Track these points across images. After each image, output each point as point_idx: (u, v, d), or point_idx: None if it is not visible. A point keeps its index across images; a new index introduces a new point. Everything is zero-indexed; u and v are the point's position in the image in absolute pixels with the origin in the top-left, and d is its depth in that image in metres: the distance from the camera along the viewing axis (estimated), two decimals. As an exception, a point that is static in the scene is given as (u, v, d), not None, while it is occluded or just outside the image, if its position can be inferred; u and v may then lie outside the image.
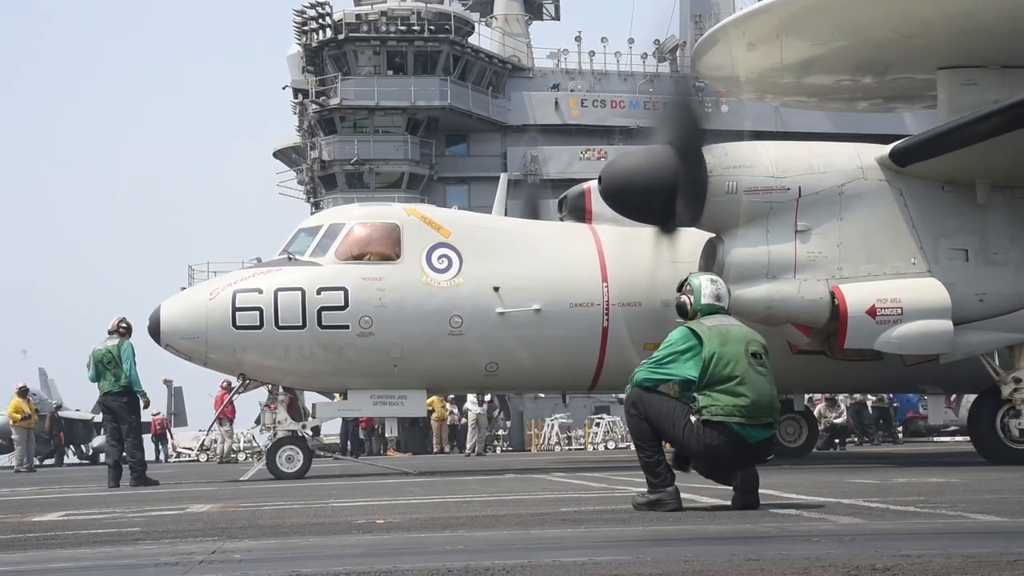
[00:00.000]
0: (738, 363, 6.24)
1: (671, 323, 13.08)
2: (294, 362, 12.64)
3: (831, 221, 11.74)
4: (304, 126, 42.46)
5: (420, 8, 39.51)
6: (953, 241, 12.01)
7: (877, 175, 11.94)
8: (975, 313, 11.92)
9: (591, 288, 13.18)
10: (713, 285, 6.67)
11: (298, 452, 12.96)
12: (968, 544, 4.42)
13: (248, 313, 12.44)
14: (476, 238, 13.28)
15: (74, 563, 4.72)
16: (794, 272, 11.64)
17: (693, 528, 5.41)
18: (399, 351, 12.72)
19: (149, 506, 8.39)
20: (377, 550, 4.80)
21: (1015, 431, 12.18)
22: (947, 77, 13.13)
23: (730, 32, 13.87)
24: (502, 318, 12.87)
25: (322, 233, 13.02)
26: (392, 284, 12.70)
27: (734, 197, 11.53)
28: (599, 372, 13.43)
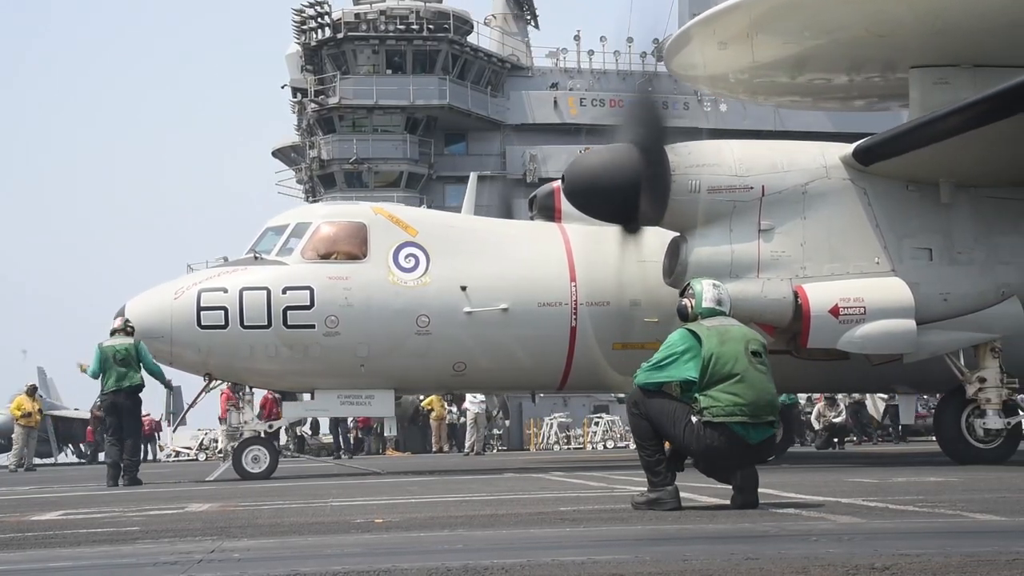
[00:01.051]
0: (738, 361, 6.26)
1: (640, 323, 13.21)
2: (260, 362, 12.59)
3: (795, 220, 11.72)
4: (303, 125, 42.46)
5: (419, 7, 39.50)
6: (917, 240, 11.99)
7: (841, 174, 11.92)
8: (939, 313, 11.90)
9: (559, 287, 13.14)
10: (715, 290, 6.70)
11: (264, 452, 12.93)
12: (967, 543, 4.43)
13: (213, 312, 12.42)
14: (443, 237, 13.23)
15: (73, 562, 4.72)
16: (757, 271, 11.62)
17: (692, 527, 5.42)
18: (366, 351, 12.68)
19: (148, 505, 8.39)
20: (376, 549, 4.81)
21: (980, 431, 12.18)
22: (919, 76, 13.12)
23: (701, 31, 13.85)
24: (469, 318, 12.83)
25: (288, 232, 12.98)
26: (358, 283, 12.67)
27: (697, 196, 11.50)
28: (567, 372, 13.39)
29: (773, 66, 14.12)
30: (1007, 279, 12.04)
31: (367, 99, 39.42)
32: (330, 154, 39.78)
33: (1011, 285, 12.05)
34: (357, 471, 14.72)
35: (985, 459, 11.98)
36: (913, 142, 11.51)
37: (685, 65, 15.04)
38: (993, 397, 12.09)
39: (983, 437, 12.19)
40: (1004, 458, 12.10)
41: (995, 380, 12.11)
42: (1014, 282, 12.05)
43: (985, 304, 12.01)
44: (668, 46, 14.98)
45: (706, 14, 13.75)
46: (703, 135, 12.97)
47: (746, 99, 17.46)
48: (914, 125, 11.65)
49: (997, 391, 12.11)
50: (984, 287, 12.00)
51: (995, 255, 12.06)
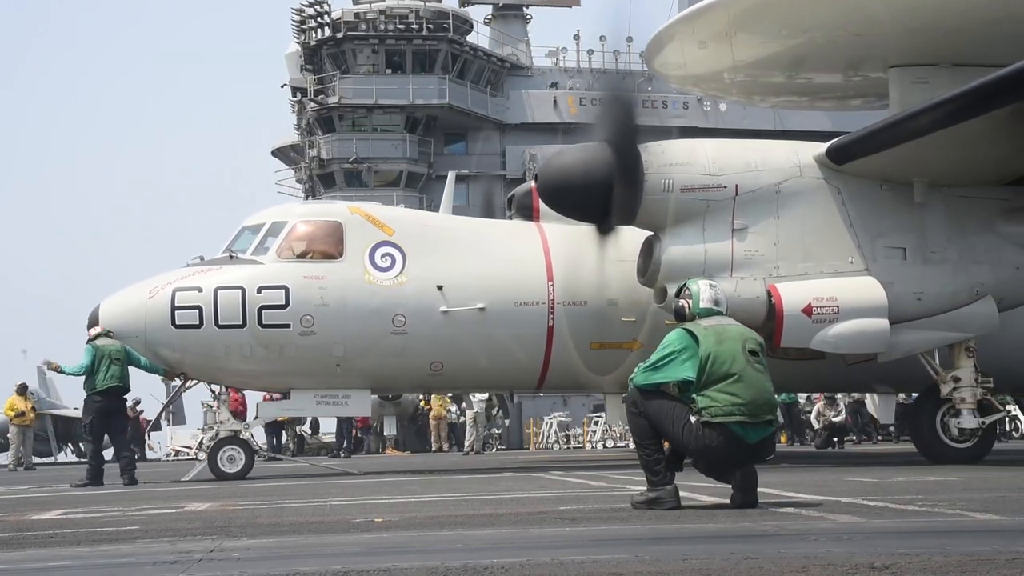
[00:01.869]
0: (735, 361, 6.26)
1: (618, 322, 13.01)
2: (235, 361, 12.55)
3: (768, 219, 11.68)
4: (303, 124, 42.48)
5: (419, 7, 39.52)
6: (891, 240, 11.96)
7: (815, 173, 11.88)
8: (913, 312, 11.88)
9: (536, 287, 13.07)
10: (712, 290, 6.71)
11: (240, 452, 12.88)
12: (966, 542, 4.42)
13: (187, 312, 12.38)
14: (420, 236, 13.17)
15: (73, 561, 4.72)
16: (731, 271, 11.57)
17: (692, 526, 5.42)
18: (341, 350, 12.63)
19: (148, 505, 8.39)
20: (376, 549, 4.81)
21: (955, 430, 12.18)
22: (898, 75, 13.09)
23: (680, 30, 13.80)
24: (446, 317, 12.77)
25: (264, 231, 12.92)
26: (334, 283, 12.61)
27: (670, 195, 11.45)
28: (545, 371, 13.34)
29: (753, 65, 14.06)
30: (981, 279, 12.02)
31: (367, 98, 39.46)
32: (330, 153, 39.81)
33: (985, 285, 12.02)
34: (330, 471, 14.67)
35: (960, 459, 11.96)
36: (885, 141, 11.46)
37: (666, 64, 14.96)
38: (968, 397, 12.09)
39: (958, 437, 12.19)
40: (979, 458, 12.09)
41: (970, 380, 12.11)
42: (988, 282, 12.03)
43: (959, 304, 11.99)
44: (648, 45, 14.88)
45: (684, 13, 13.72)
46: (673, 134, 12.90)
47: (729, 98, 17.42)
48: (886, 124, 11.58)
49: (972, 391, 12.10)
50: (958, 286, 11.98)
51: (969, 255, 12.04)
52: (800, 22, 12.93)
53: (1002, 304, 12.16)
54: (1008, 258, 12.13)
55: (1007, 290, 12.17)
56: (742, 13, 13.03)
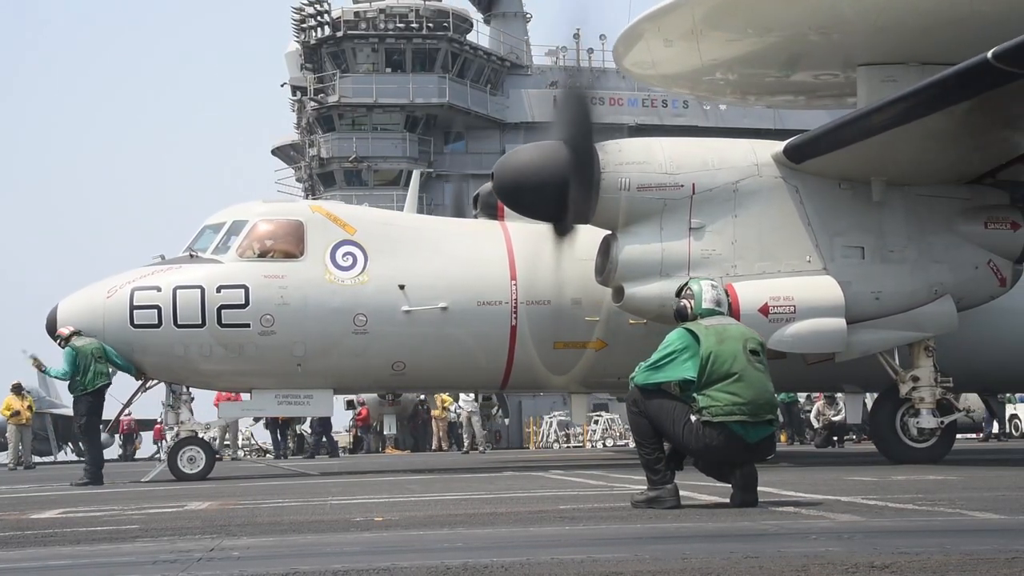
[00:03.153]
0: (736, 360, 6.26)
1: (581, 322, 12.96)
2: (194, 361, 12.50)
3: (725, 218, 11.61)
4: (302, 123, 42.50)
5: (419, 6, 39.52)
6: (849, 239, 11.89)
7: (772, 172, 11.80)
8: (871, 311, 11.83)
9: (499, 286, 12.98)
10: (714, 290, 6.70)
11: (200, 453, 12.85)
12: (966, 541, 4.42)
13: (146, 311, 12.33)
14: (382, 235, 13.10)
15: (73, 560, 4.72)
16: (688, 270, 11.44)
17: (692, 526, 5.42)
18: (302, 350, 12.58)
19: (147, 504, 8.39)
20: (375, 548, 4.81)
21: (914, 430, 12.14)
22: (867, 74, 13.06)
23: (646, 28, 13.75)
24: (408, 316, 12.70)
25: (225, 230, 12.85)
26: (294, 282, 12.55)
27: (627, 194, 11.38)
28: (509, 371, 13.25)
29: (722, 64, 14.03)
30: (940, 278, 11.96)
31: (366, 97, 39.47)
32: (329, 152, 39.83)
33: (944, 284, 11.97)
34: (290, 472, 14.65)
35: (919, 458, 11.93)
36: (841, 139, 11.39)
37: (635, 63, 14.92)
38: (927, 396, 12.05)
39: (917, 436, 12.16)
40: (939, 458, 12.06)
41: (929, 379, 12.07)
42: (947, 281, 11.98)
43: (917, 303, 11.93)
44: (616, 44, 14.83)
45: (650, 11, 13.64)
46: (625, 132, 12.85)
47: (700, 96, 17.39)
48: (841, 122, 11.50)
49: (931, 390, 12.07)
50: (916, 286, 11.92)
51: (928, 254, 11.98)
52: (766, 20, 12.90)
53: (961, 304, 12.11)
54: (967, 257, 12.06)
55: (966, 290, 12.12)
56: (707, 12, 13.01)
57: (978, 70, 9.80)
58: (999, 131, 11.18)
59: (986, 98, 10.19)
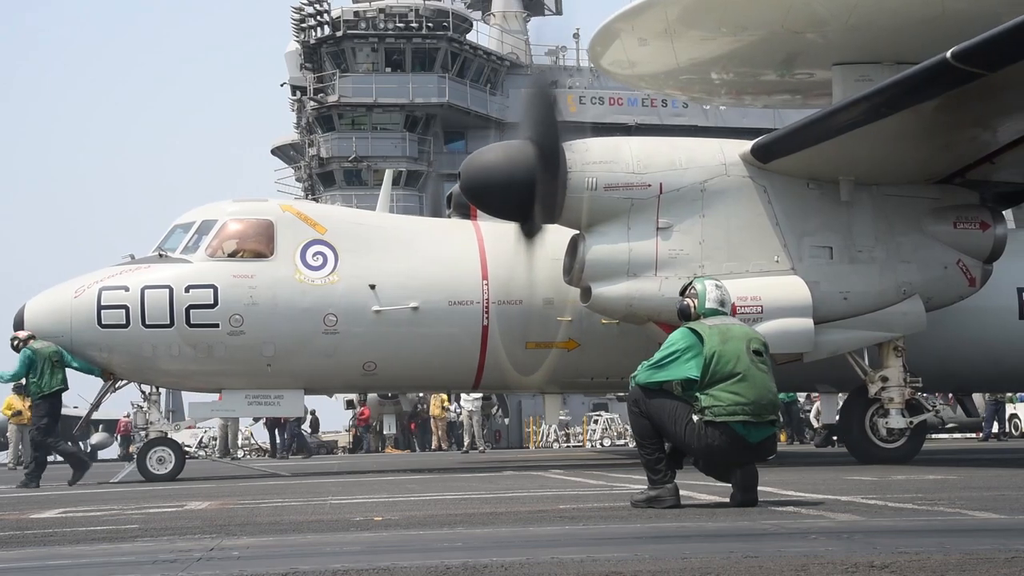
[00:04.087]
0: (739, 360, 6.27)
1: (553, 321, 12.91)
2: (163, 361, 12.47)
3: (693, 218, 11.56)
4: (302, 123, 42.51)
5: (418, 5, 39.52)
6: (817, 239, 11.85)
7: (740, 171, 11.75)
8: (839, 311, 11.78)
9: (471, 286, 12.95)
10: (718, 290, 6.71)
11: (170, 453, 12.80)
12: (966, 541, 4.43)
13: (114, 311, 12.30)
14: (353, 235, 13.06)
15: (73, 560, 4.72)
16: (655, 270, 11.46)
17: (692, 525, 5.42)
18: (272, 350, 12.54)
19: (147, 503, 8.39)
20: (375, 548, 4.81)
21: (883, 430, 12.12)
22: (842, 73, 13.04)
23: (621, 27, 13.71)
24: (379, 316, 12.65)
25: (194, 229, 12.81)
26: (264, 282, 12.52)
27: (594, 194, 11.33)
28: (481, 371, 13.21)
29: (697, 63, 13.99)
30: (908, 278, 11.93)
31: (366, 97, 39.47)
32: (329, 152, 39.83)
33: (913, 284, 11.94)
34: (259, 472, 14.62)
35: (889, 459, 11.91)
36: (807, 138, 11.35)
37: (612, 63, 14.87)
38: (896, 396, 12.02)
39: (886, 436, 12.14)
40: (908, 458, 12.04)
41: (898, 379, 12.04)
42: (915, 281, 11.94)
43: (886, 303, 11.89)
44: (591, 43, 14.78)
45: (623, 10, 13.60)
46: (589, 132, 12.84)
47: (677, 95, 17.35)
48: (807, 122, 11.46)
49: (900, 390, 12.04)
50: (885, 286, 11.87)
51: (896, 254, 11.94)
52: (739, 19, 12.89)
53: (930, 303, 12.08)
54: (936, 257, 12.03)
55: (935, 289, 12.08)
56: (681, 10, 12.99)
57: (938, 70, 9.77)
58: (966, 130, 11.12)
59: (950, 97, 10.14)
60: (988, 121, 11.00)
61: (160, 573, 4.12)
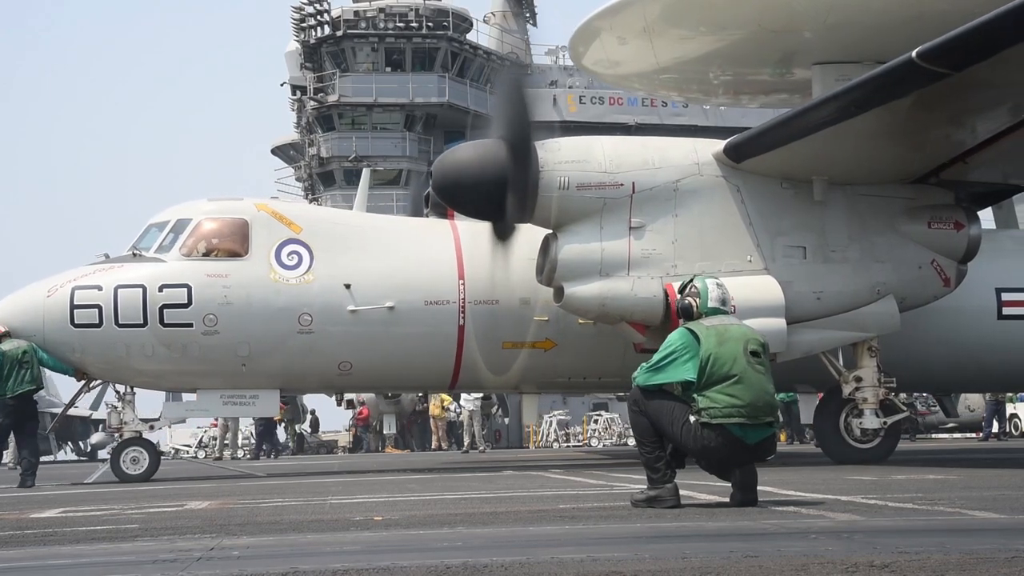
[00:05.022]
0: (736, 362, 6.27)
1: (530, 321, 12.86)
2: (137, 361, 12.41)
3: (666, 218, 11.53)
4: (302, 123, 42.52)
5: (418, 5, 39.53)
6: (791, 239, 11.82)
7: (713, 171, 11.72)
8: (812, 311, 11.75)
9: (447, 285, 12.90)
10: (719, 289, 6.71)
11: (144, 454, 12.74)
12: (966, 541, 4.43)
13: (87, 311, 12.24)
14: (328, 234, 13.01)
15: (73, 560, 4.72)
16: (628, 270, 11.42)
17: (692, 525, 5.43)
18: (246, 350, 12.50)
19: (147, 503, 8.38)
20: (375, 547, 4.81)
21: (857, 430, 12.10)
22: (822, 72, 13.02)
23: (601, 26, 13.68)
24: (354, 316, 12.61)
25: (169, 228, 12.77)
26: (238, 281, 12.47)
27: (566, 193, 11.29)
28: (458, 371, 13.16)
29: (678, 62, 13.98)
30: (882, 278, 11.90)
31: (366, 97, 39.47)
32: (329, 152, 39.83)
33: (886, 284, 11.91)
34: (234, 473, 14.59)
35: (863, 459, 11.89)
36: (779, 138, 11.31)
37: (593, 62, 14.84)
38: (870, 397, 12.00)
39: (860, 437, 12.12)
40: (882, 458, 12.02)
41: (872, 379, 12.02)
42: (889, 281, 11.92)
43: (859, 303, 11.87)
44: (571, 42, 14.70)
45: (601, 8, 13.56)
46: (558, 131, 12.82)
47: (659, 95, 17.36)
48: (778, 121, 11.43)
49: (874, 390, 12.01)
50: (858, 286, 11.85)
51: (870, 254, 11.91)
52: (717, 18, 12.89)
53: (904, 304, 12.06)
54: (910, 257, 12.01)
55: (909, 290, 12.06)
56: (659, 9, 12.96)
57: (904, 70, 9.75)
58: (936, 130, 11.09)
59: (918, 97, 10.12)
60: (958, 121, 10.96)
61: (160, 573, 4.12)
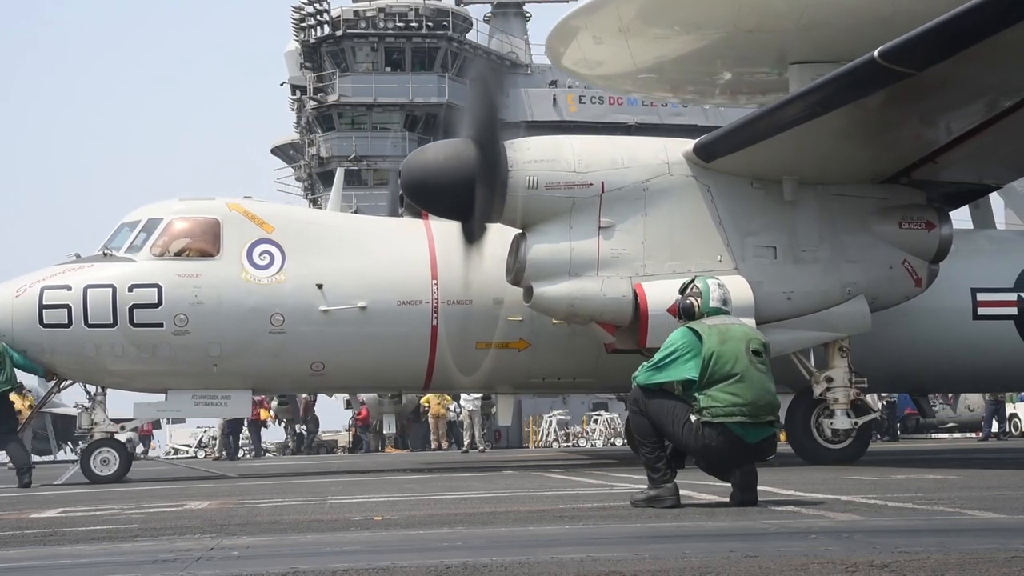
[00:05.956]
0: (738, 361, 6.27)
1: (504, 321, 12.81)
2: (107, 361, 12.36)
3: (635, 217, 11.47)
4: (302, 122, 42.53)
5: (418, 4, 39.53)
6: (761, 238, 11.77)
7: (684, 170, 11.66)
8: (783, 311, 11.69)
9: (420, 285, 12.84)
10: (721, 289, 6.71)
11: (115, 455, 12.67)
12: (966, 540, 4.43)
13: (56, 311, 12.18)
14: (301, 234, 12.94)
15: (72, 560, 4.72)
16: (597, 269, 11.37)
17: (691, 525, 5.43)
18: (218, 350, 12.44)
19: (147, 503, 8.40)
20: (375, 547, 4.81)
21: (828, 431, 12.07)
22: (798, 72, 12.99)
23: (577, 25, 13.65)
24: (326, 316, 12.55)
25: (140, 228, 12.71)
26: (209, 281, 12.41)
27: (535, 192, 11.24)
28: (431, 371, 13.11)
29: (656, 62, 13.95)
30: (853, 278, 11.86)
31: (366, 96, 39.48)
32: (329, 151, 39.84)
33: (857, 284, 11.87)
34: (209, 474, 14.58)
35: (834, 459, 11.86)
36: (747, 137, 11.27)
37: (571, 61, 14.81)
38: (841, 397, 11.97)
39: (831, 437, 12.08)
40: (853, 458, 11.99)
41: (843, 380, 11.98)
42: (860, 281, 11.87)
43: (830, 303, 11.83)
44: (548, 41, 14.67)
45: (576, 8, 13.55)
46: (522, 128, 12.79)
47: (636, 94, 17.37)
48: (746, 120, 11.40)
49: (845, 391, 11.98)
50: (829, 286, 11.81)
51: (841, 253, 11.86)
52: (692, 18, 12.88)
53: (875, 304, 12.02)
54: (881, 257, 11.96)
55: (880, 290, 12.02)
56: (634, 8, 12.93)
57: (866, 69, 9.73)
58: (903, 130, 11.05)
59: (882, 97, 10.09)
60: (924, 121, 10.92)
61: (160, 573, 4.12)
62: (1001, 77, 9.97)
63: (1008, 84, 10.19)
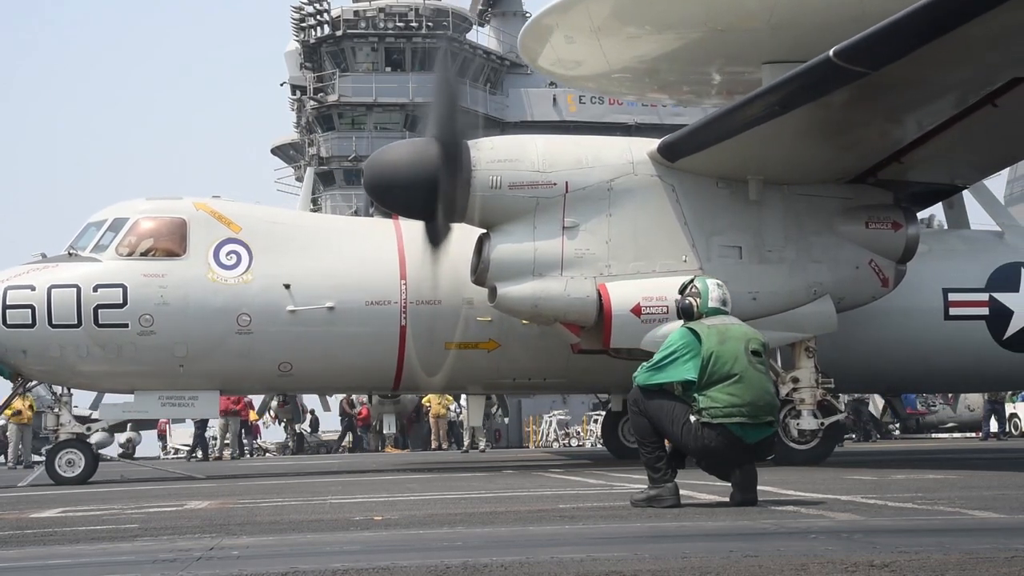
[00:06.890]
0: (737, 361, 6.27)
1: (473, 322, 12.82)
2: (71, 362, 12.33)
3: (600, 217, 11.43)
4: (302, 123, 42.54)
5: (418, 4, 39.54)
6: (726, 238, 11.73)
7: (648, 170, 11.62)
8: (748, 312, 11.37)
9: (388, 286, 12.83)
10: (720, 289, 6.71)
11: (80, 456, 12.63)
12: (966, 540, 4.43)
13: (19, 311, 12.14)
14: (268, 233, 12.92)
15: (72, 560, 4.73)
16: (561, 270, 11.34)
17: (691, 525, 5.43)
18: (184, 350, 12.40)
19: (147, 503, 8.40)
20: (375, 547, 4.81)
21: (794, 431, 12.02)
22: (771, 72, 12.92)
23: (549, 25, 13.63)
24: (293, 316, 12.54)
25: (105, 227, 12.68)
26: (175, 281, 12.39)
27: (498, 192, 11.21)
28: (400, 372, 13.10)
29: (630, 62, 13.92)
30: (819, 278, 11.82)
31: (366, 96, 39.50)
32: (329, 152, 39.86)
33: (823, 284, 11.83)
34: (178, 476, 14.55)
35: (801, 460, 11.81)
36: (710, 137, 11.22)
37: (547, 61, 14.79)
38: (807, 397, 11.94)
39: (798, 438, 12.03)
40: (820, 459, 11.94)
41: (809, 380, 11.94)
42: (826, 281, 11.84)
43: (796, 303, 11.79)
44: (520, 40, 14.64)
45: (548, 6, 13.50)
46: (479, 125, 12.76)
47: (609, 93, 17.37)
48: (709, 120, 11.36)
49: (811, 391, 11.95)
50: (794, 286, 11.76)
51: (807, 254, 11.82)
52: (663, 18, 12.87)
53: (841, 304, 11.98)
54: (847, 257, 11.92)
55: (846, 290, 11.98)
56: (607, 8, 12.91)
57: (823, 69, 9.69)
58: (864, 129, 11.00)
59: (841, 96, 10.04)
60: (885, 120, 10.88)
61: (160, 573, 4.12)
62: (957, 76, 9.91)
63: (965, 83, 10.12)
